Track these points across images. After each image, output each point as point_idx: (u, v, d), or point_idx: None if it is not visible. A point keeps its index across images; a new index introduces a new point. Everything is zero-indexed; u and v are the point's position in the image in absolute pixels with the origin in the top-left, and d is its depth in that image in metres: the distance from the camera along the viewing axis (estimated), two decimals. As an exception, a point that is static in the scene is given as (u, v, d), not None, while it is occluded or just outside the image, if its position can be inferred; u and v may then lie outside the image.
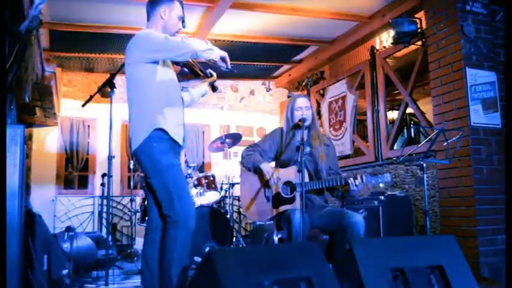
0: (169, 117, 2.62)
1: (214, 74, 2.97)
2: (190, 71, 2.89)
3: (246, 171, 3.45)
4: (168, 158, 2.58)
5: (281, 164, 3.38)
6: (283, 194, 3.23)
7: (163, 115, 2.59)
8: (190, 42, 2.60)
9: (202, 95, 3.01)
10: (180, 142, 2.68)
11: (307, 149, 3.19)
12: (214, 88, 2.99)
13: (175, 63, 2.84)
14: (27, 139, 6.31)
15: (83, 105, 3.94)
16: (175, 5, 2.77)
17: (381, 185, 2.98)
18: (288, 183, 3.26)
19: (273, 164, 3.47)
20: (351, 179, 3.02)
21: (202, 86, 2.99)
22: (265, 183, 3.34)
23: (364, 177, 3.00)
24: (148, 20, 2.79)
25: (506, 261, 2.84)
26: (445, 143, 3.66)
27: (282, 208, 3.22)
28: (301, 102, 3.35)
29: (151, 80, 2.62)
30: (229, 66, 2.70)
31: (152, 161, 2.58)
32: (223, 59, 2.68)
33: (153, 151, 2.56)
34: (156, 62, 2.64)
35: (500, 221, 3.89)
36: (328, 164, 3.33)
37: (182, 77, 3.07)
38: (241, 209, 7.04)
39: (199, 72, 2.90)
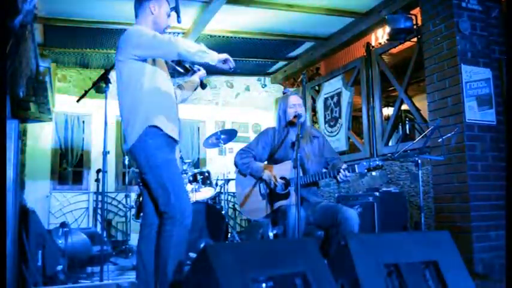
0: (162, 113, 2.60)
1: (203, 69, 3.01)
2: (180, 67, 2.91)
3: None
4: (163, 154, 2.57)
5: (275, 162, 3.39)
6: (278, 190, 3.23)
7: (156, 112, 2.58)
8: (179, 43, 2.55)
9: (194, 89, 3.03)
10: (176, 137, 2.67)
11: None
12: (203, 85, 3.03)
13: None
14: (22, 134, 6.28)
15: (78, 101, 3.92)
16: (163, 1, 2.77)
17: (374, 173, 2.98)
18: (282, 179, 3.26)
19: (265, 162, 3.48)
20: (342, 169, 3.03)
21: (194, 80, 3.00)
22: (260, 181, 3.35)
23: (356, 167, 3.01)
24: (137, 17, 2.78)
25: (506, 259, 2.85)
26: (440, 140, 3.67)
27: (277, 204, 3.23)
28: (294, 99, 3.39)
29: (142, 76, 2.60)
30: (232, 66, 2.70)
31: (148, 157, 2.57)
32: (224, 61, 2.67)
33: (148, 147, 2.55)
34: (147, 59, 2.62)
35: (495, 217, 3.91)
36: (316, 162, 3.34)
37: (176, 73, 3.09)
38: (236, 206, 7.06)
39: (189, 68, 2.95)
